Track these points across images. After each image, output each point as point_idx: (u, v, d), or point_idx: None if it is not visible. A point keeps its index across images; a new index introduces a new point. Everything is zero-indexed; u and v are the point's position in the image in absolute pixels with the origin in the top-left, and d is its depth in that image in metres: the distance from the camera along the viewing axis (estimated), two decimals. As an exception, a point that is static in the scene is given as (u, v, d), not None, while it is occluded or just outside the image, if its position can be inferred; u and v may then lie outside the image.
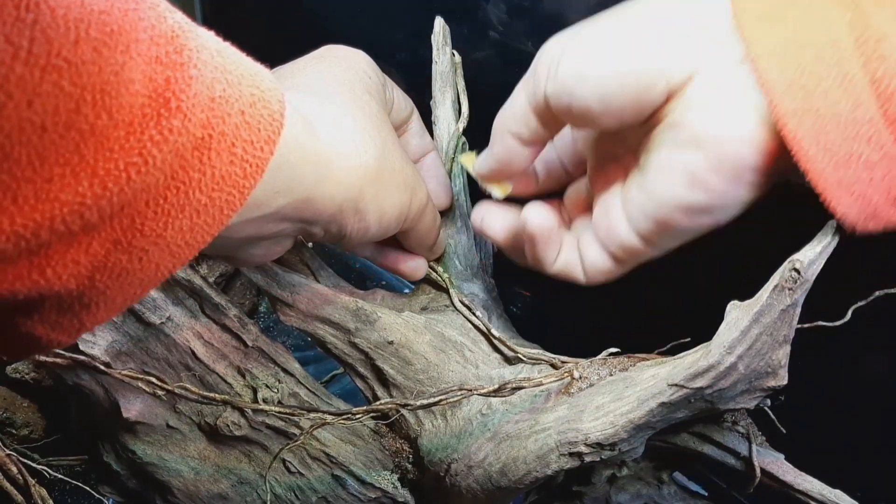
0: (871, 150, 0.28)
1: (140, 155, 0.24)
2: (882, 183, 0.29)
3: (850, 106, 0.28)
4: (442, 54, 0.50)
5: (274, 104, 0.29)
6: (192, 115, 0.25)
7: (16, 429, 0.52)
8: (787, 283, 0.32)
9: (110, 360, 0.42)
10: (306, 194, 0.33)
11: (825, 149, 0.29)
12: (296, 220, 0.34)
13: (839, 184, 0.29)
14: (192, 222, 0.27)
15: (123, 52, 0.23)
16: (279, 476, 0.46)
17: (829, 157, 0.29)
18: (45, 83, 0.21)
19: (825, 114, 0.29)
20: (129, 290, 0.27)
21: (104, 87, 0.23)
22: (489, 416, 0.42)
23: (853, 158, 0.29)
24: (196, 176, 0.26)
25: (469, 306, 0.47)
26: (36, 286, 0.24)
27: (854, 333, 0.38)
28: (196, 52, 0.26)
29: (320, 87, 0.37)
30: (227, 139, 0.27)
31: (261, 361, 0.45)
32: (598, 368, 0.40)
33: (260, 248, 0.37)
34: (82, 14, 0.22)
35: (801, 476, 0.38)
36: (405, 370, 0.45)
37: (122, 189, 0.24)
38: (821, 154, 0.29)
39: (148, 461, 0.45)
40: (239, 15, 0.74)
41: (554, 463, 0.38)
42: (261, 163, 0.29)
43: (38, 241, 0.23)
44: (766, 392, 0.35)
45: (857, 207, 0.29)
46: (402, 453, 0.47)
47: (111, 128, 0.23)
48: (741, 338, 0.33)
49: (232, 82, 0.27)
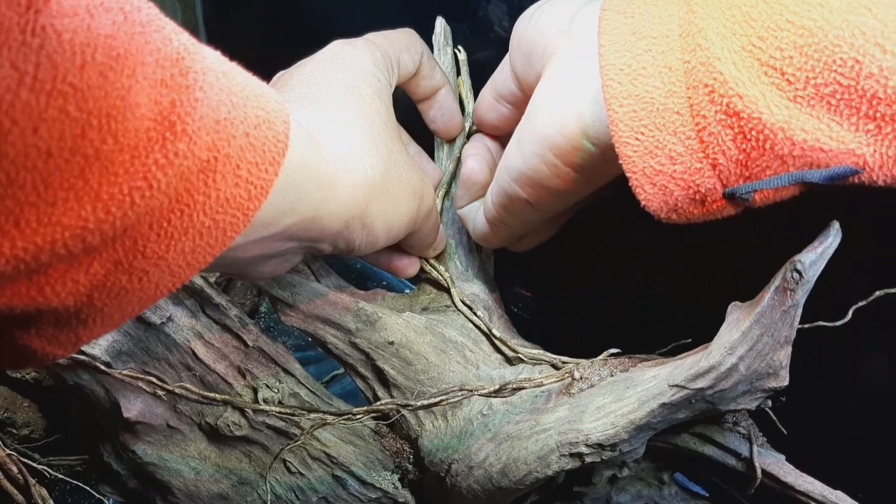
0: (676, 141, 0.29)
1: (145, 179, 0.24)
2: (682, 178, 0.29)
3: (663, 94, 0.29)
4: (443, 55, 0.50)
5: (279, 125, 0.29)
6: (197, 139, 0.25)
7: (16, 428, 0.52)
8: (789, 284, 0.32)
9: (111, 360, 0.42)
10: (312, 214, 0.33)
11: (637, 134, 0.30)
12: (303, 239, 0.34)
13: (643, 172, 0.30)
14: (194, 244, 0.27)
15: (129, 76, 0.23)
16: (280, 476, 0.46)
17: (640, 144, 0.30)
18: (51, 109, 0.21)
19: (643, 99, 0.29)
20: (126, 308, 0.27)
21: (110, 112, 0.22)
22: (490, 416, 0.42)
23: (659, 148, 0.29)
24: (200, 199, 0.26)
25: (470, 306, 0.46)
26: (34, 303, 0.24)
27: (855, 334, 0.38)
28: (202, 74, 0.26)
29: (327, 99, 0.37)
30: (232, 161, 0.27)
31: (261, 361, 0.45)
32: (598, 369, 0.40)
33: (269, 266, 0.37)
34: (88, 38, 0.22)
35: (803, 477, 0.38)
36: (406, 370, 0.45)
37: (125, 213, 0.23)
38: (633, 139, 0.30)
39: (148, 461, 0.45)
40: (239, 14, 0.74)
41: (555, 463, 0.38)
42: (265, 185, 0.28)
43: (39, 262, 0.23)
44: (768, 393, 0.35)
45: (658, 198, 0.30)
46: (402, 454, 0.47)
47: (116, 152, 0.23)
48: (742, 338, 0.33)
49: (237, 104, 0.27)
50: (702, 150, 0.29)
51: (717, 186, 0.29)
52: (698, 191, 0.29)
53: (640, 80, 0.29)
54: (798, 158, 0.27)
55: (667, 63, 0.29)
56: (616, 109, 0.30)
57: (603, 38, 0.31)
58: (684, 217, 0.30)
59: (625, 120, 0.30)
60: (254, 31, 0.73)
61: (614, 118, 0.30)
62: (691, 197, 0.30)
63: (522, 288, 0.63)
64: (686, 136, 0.29)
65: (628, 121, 0.30)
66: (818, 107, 0.26)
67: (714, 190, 0.29)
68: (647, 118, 0.29)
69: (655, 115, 0.29)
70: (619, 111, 0.30)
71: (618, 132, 0.30)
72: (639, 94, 0.29)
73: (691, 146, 0.29)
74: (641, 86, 0.29)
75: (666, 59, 0.29)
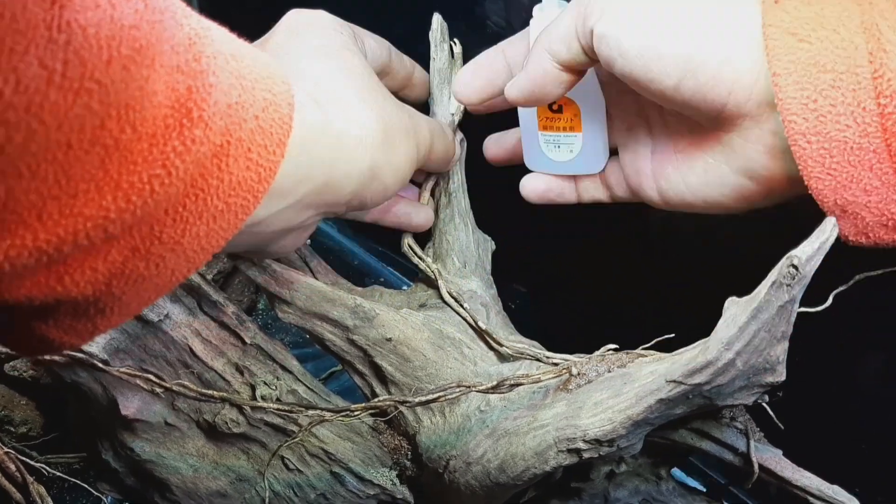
0: (873, 176, 0.30)
1: (163, 167, 0.24)
2: (877, 207, 0.30)
3: (857, 134, 0.29)
4: (440, 51, 0.49)
5: (284, 108, 0.30)
6: (212, 124, 0.25)
7: (14, 426, 0.52)
8: (786, 280, 0.31)
9: (108, 357, 0.42)
10: (325, 178, 0.34)
11: (829, 170, 0.30)
12: (320, 205, 0.35)
13: (836, 203, 0.31)
14: (208, 228, 0.27)
15: (149, 66, 0.23)
16: (278, 473, 0.47)
17: (832, 179, 0.30)
18: (77, 106, 0.21)
19: (835, 139, 0.30)
20: (143, 295, 0.27)
21: (129, 102, 0.22)
22: (487, 412, 0.42)
23: (854, 182, 0.30)
24: (214, 183, 0.26)
25: (458, 299, 0.46)
26: (53, 293, 0.24)
27: (852, 329, 0.38)
28: (213, 58, 0.26)
29: (306, 65, 0.37)
30: (244, 145, 0.27)
31: (259, 359, 0.45)
32: (596, 365, 0.40)
33: (288, 240, 0.37)
34: (113, 31, 0.22)
35: (800, 472, 0.38)
36: (403, 367, 0.45)
37: (145, 201, 0.24)
38: (824, 175, 0.30)
39: (146, 458, 0.45)
40: (236, 8, 0.74)
41: (552, 459, 0.38)
42: (273, 166, 0.29)
43: (60, 254, 0.23)
44: (765, 388, 0.35)
45: (850, 225, 0.31)
46: (400, 450, 0.47)
47: (135, 141, 0.23)
48: (739, 334, 0.33)
49: (246, 87, 0.28)
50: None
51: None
52: (891, 218, 0.30)
53: (829, 119, 0.30)
54: None
55: (859, 102, 0.29)
56: (803, 146, 0.30)
57: (775, 65, 0.30)
58: (873, 241, 0.32)
59: (814, 157, 0.30)
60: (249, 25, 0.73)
61: (802, 154, 0.30)
62: (884, 224, 0.31)
63: (520, 284, 0.63)
64: (882, 171, 0.30)
65: (818, 157, 0.30)
66: None
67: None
68: (839, 156, 0.30)
69: (849, 153, 0.30)
70: (806, 147, 0.30)
71: (807, 168, 0.31)
72: (828, 133, 0.30)
73: (888, 181, 0.30)
74: (832, 125, 0.30)
75: (858, 98, 0.29)
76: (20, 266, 0.22)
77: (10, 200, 0.21)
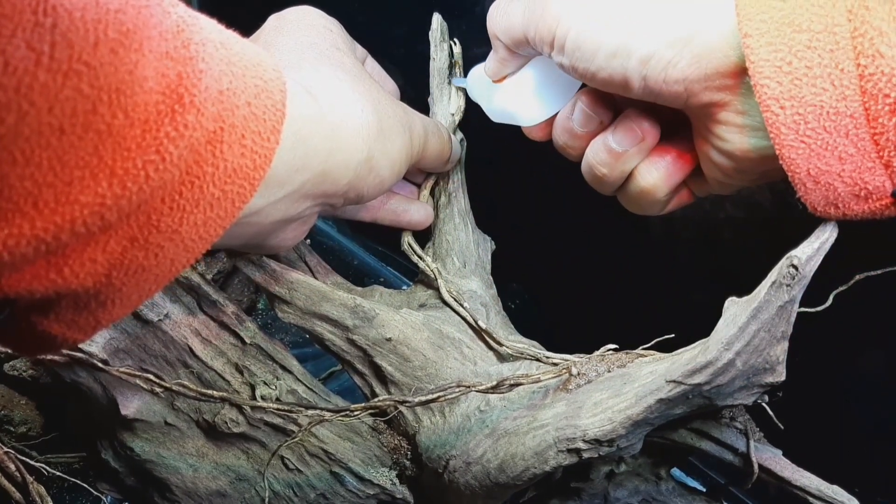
0: (848, 143, 0.28)
1: (157, 152, 0.24)
2: (850, 176, 0.29)
3: (834, 98, 0.28)
4: (440, 51, 0.49)
5: (276, 94, 0.30)
6: (204, 110, 0.25)
7: (14, 426, 0.52)
8: (785, 280, 0.32)
9: (108, 357, 0.42)
10: (322, 167, 0.34)
11: (803, 138, 0.29)
12: (317, 195, 0.35)
13: (808, 173, 0.29)
14: (205, 216, 0.27)
15: (137, 50, 0.23)
16: (277, 473, 0.46)
17: (805, 147, 0.29)
18: (67, 88, 0.21)
19: (810, 103, 0.28)
20: (144, 287, 0.27)
21: (119, 87, 0.23)
22: (487, 412, 0.42)
23: (828, 150, 0.28)
24: (209, 170, 0.26)
25: (458, 298, 0.46)
26: (53, 285, 0.24)
27: (852, 329, 0.38)
28: (202, 45, 0.26)
29: (298, 59, 0.37)
30: (238, 131, 0.27)
31: (259, 358, 0.45)
32: (596, 365, 0.40)
33: (288, 232, 0.37)
34: (99, 15, 0.22)
35: (799, 472, 0.38)
36: (403, 367, 0.45)
37: (140, 188, 0.24)
38: (798, 143, 0.29)
39: (146, 458, 0.45)
40: (235, 8, 0.74)
41: (552, 459, 0.38)
42: (268, 153, 0.29)
43: (58, 242, 0.23)
44: (764, 388, 0.35)
45: (821, 195, 0.30)
46: (400, 450, 0.47)
47: (127, 127, 0.23)
48: (739, 334, 0.33)
49: (237, 74, 0.28)
50: (875, 152, 0.28)
51: (887, 185, 0.28)
52: (864, 188, 0.29)
53: (804, 82, 0.28)
54: None
55: (837, 63, 0.27)
56: (776, 112, 0.28)
57: (746, 25, 0.29)
58: (842, 212, 0.30)
59: (787, 123, 0.28)
60: (248, 25, 0.73)
61: (774, 121, 0.29)
62: (856, 193, 0.29)
63: (520, 285, 0.63)
64: (859, 138, 0.28)
65: (791, 123, 0.28)
66: None
67: (882, 188, 0.29)
68: (814, 122, 0.28)
69: (825, 118, 0.28)
70: (779, 114, 0.28)
71: (779, 136, 0.29)
72: (803, 97, 0.28)
73: (864, 147, 0.28)
74: (807, 88, 0.28)
75: (836, 58, 0.27)
76: (19, 256, 0.22)
77: (5, 188, 0.21)
